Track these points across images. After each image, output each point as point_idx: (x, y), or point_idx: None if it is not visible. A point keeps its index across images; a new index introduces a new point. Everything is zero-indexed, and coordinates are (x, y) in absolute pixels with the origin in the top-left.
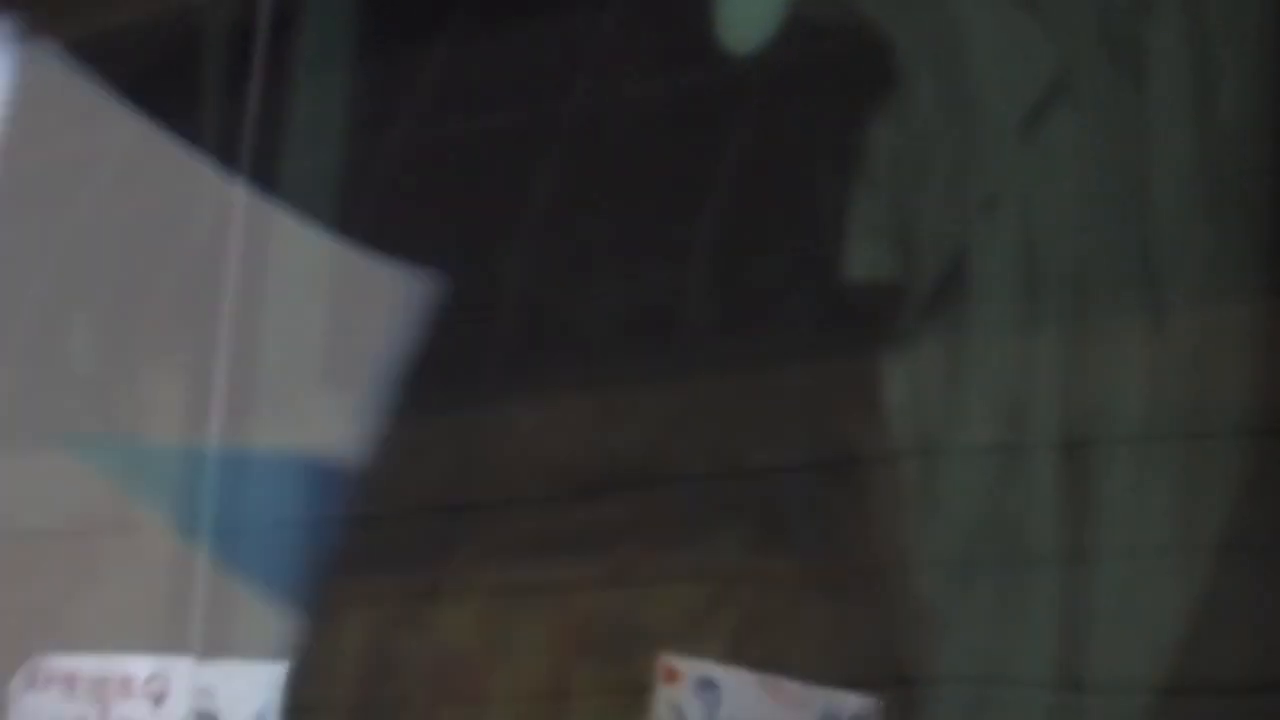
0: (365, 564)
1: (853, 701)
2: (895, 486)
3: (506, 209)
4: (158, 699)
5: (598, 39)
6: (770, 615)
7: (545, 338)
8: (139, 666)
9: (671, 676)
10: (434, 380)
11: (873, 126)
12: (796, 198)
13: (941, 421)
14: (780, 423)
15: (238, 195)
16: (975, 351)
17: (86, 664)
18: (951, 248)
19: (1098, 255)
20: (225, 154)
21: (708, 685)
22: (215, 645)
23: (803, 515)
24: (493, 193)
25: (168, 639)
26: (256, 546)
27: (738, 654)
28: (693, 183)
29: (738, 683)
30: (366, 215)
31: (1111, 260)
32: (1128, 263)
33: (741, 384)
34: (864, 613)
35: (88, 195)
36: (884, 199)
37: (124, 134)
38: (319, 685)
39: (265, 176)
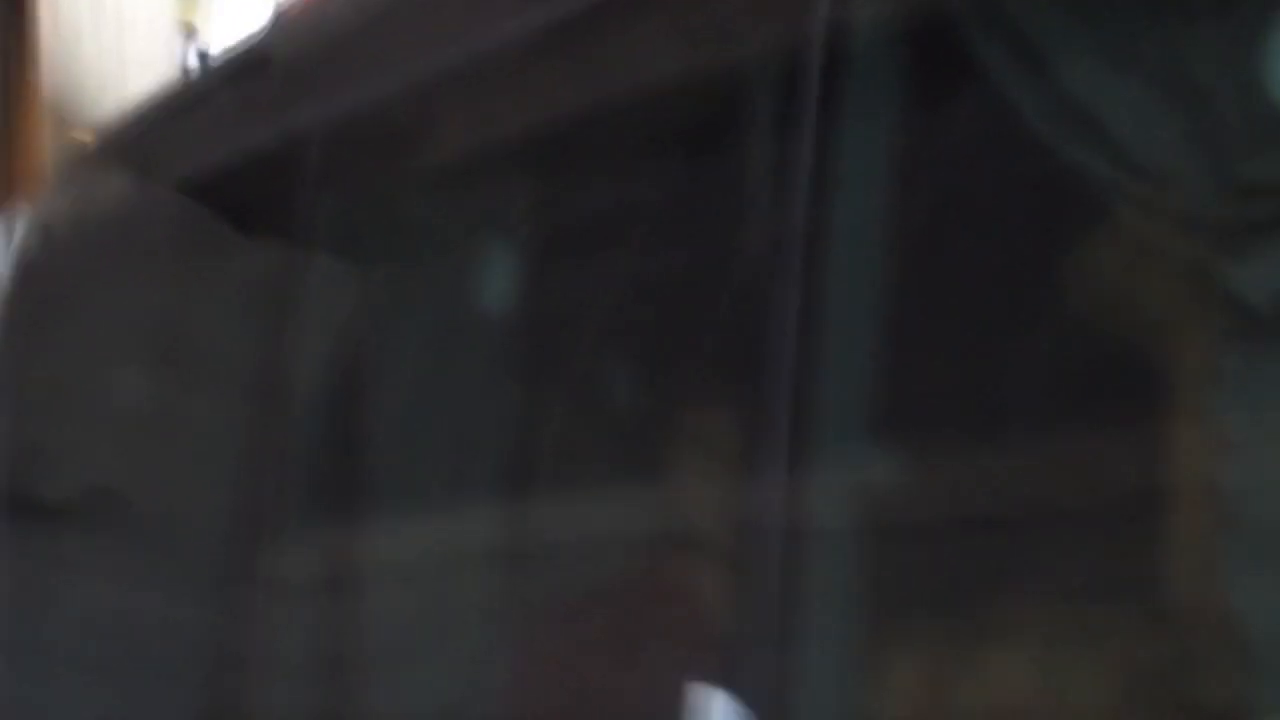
0: (911, 603)
1: None
2: None
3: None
4: None
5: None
6: None
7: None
8: None
9: None
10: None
11: None
12: None
13: None
14: None
15: (789, 240)
16: None
17: None
18: None
19: None
20: (774, 200)
21: None
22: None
23: None
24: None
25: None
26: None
27: None
28: None
29: None
30: (916, 259)
31: None
32: None
33: None
34: None
35: (631, 240)
36: None
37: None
38: None
39: (815, 223)
